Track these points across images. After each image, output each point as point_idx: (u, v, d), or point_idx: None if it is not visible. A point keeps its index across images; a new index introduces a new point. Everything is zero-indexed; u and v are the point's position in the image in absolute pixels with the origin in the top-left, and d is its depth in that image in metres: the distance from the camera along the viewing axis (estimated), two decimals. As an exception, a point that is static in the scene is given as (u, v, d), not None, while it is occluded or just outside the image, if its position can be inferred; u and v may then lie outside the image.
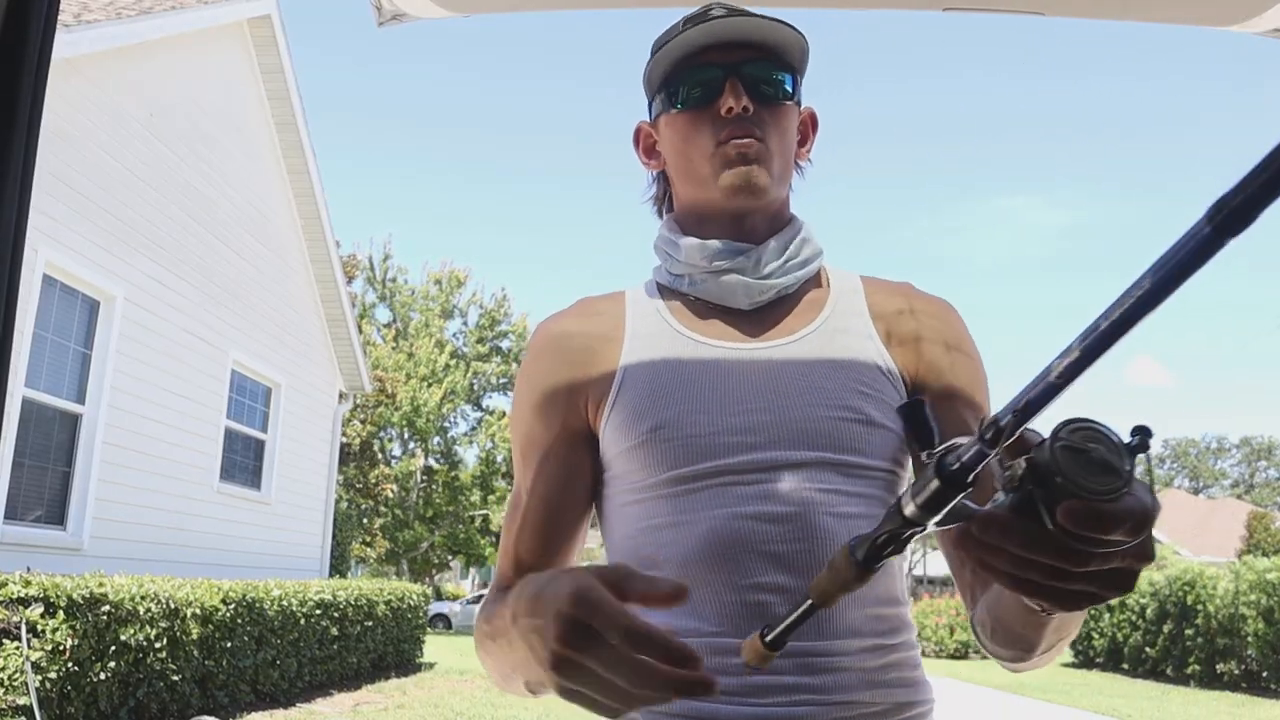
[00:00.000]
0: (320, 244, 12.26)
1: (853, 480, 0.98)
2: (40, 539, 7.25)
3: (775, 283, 1.06)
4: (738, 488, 0.96)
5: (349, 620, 9.28)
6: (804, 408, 0.99)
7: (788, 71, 1.08)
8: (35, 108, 0.78)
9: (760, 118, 1.04)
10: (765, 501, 0.95)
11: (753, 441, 0.97)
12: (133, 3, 8.48)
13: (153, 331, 8.67)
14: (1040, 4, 1.40)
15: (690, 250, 1.07)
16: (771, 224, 1.09)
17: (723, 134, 1.04)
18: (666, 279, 1.12)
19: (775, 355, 1.03)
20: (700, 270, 1.07)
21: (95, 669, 5.54)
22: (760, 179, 1.03)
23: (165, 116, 8.91)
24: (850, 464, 0.98)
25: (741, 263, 1.06)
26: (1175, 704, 10.94)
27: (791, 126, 1.09)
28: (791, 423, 0.98)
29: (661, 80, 1.09)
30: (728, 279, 1.06)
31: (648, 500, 1.00)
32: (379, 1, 1.41)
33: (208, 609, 6.73)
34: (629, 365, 1.04)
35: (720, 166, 1.04)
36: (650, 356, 1.04)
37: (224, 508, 9.93)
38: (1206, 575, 13.11)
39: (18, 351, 6.83)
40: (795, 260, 1.08)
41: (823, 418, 0.98)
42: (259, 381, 10.97)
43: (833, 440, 0.98)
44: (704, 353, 1.04)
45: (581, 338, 1.08)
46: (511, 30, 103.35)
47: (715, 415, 0.99)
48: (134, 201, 8.40)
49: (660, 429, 0.99)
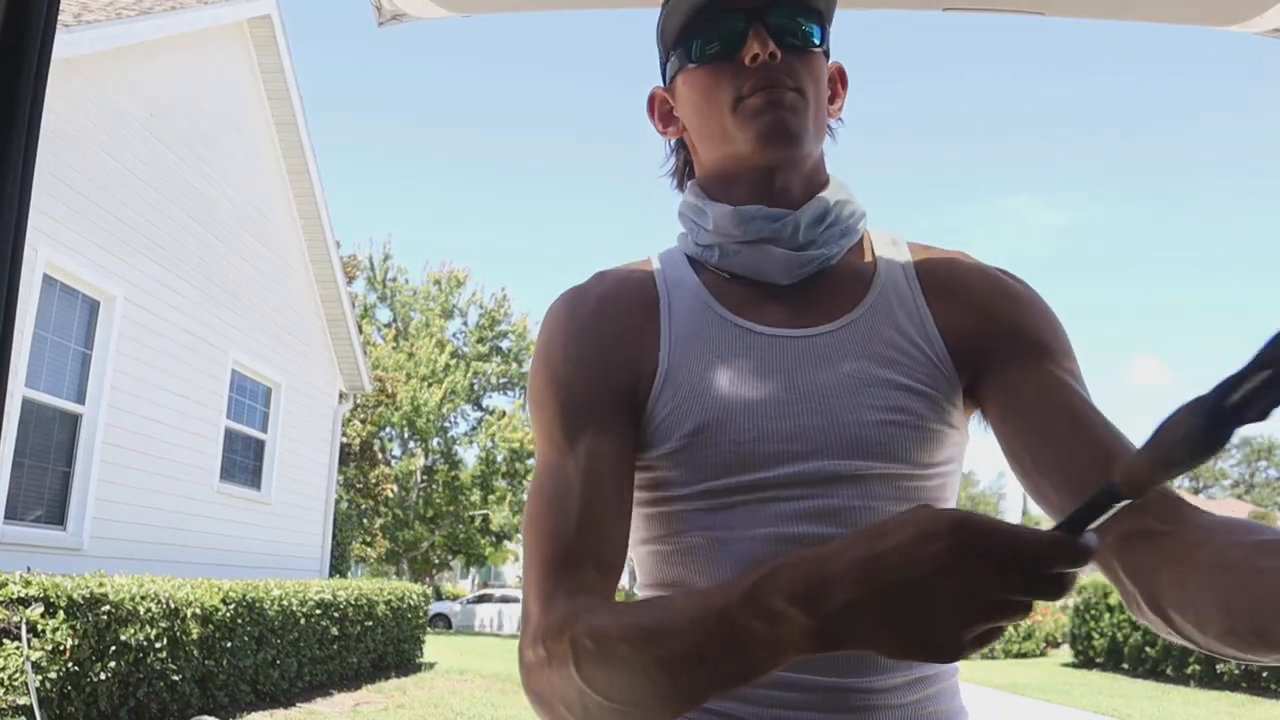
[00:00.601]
0: (320, 244, 12.26)
1: (902, 492, 0.88)
2: (40, 539, 7.25)
3: (817, 254, 0.94)
4: (779, 504, 0.86)
5: (349, 620, 9.28)
6: (854, 410, 0.88)
7: (815, 19, 0.97)
8: (35, 108, 0.78)
9: (790, 64, 0.93)
10: (809, 521, 0.85)
11: (798, 451, 0.86)
12: (133, 3, 8.48)
13: (153, 331, 8.67)
14: (1040, 4, 1.40)
15: (721, 217, 0.95)
16: (806, 184, 0.97)
17: (747, 85, 0.92)
18: (694, 250, 1.00)
19: (822, 346, 0.91)
20: (732, 240, 0.96)
21: (95, 669, 5.53)
22: (793, 124, 0.92)
23: (165, 116, 8.90)
24: (901, 475, 0.88)
25: (778, 230, 0.94)
26: (1175, 704, 10.94)
27: (823, 77, 0.97)
28: (840, 428, 0.87)
29: (677, 34, 0.98)
30: (764, 250, 0.94)
31: (676, 510, 0.90)
32: (379, 2, 1.41)
33: (208, 609, 6.72)
34: (673, 353, 0.92)
35: (749, 116, 0.92)
36: (692, 344, 0.92)
37: (224, 508, 9.92)
38: (1206, 575, 13.11)
39: (18, 351, 6.83)
40: (838, 225, 0.96)
41: (873, 422, 0.87)
42: (259, 381, 10.97)
43: (885, 449, 0.87)
44: (747, 341, 0.92)
45: (616, 319, 0.94)
46: (511, 30, 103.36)
47: (759, 418, 0.88)
48: (134, 201, 8.40)
49: (702, 433, 0.88)
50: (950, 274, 0.97)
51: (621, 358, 0.92)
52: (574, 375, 0.92)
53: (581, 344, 0.93)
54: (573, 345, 0.93)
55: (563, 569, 0.82)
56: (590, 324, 0.94)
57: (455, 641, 17.89)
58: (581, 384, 0.91)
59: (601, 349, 0.93)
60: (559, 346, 0.94)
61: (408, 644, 11.22)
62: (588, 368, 0.92)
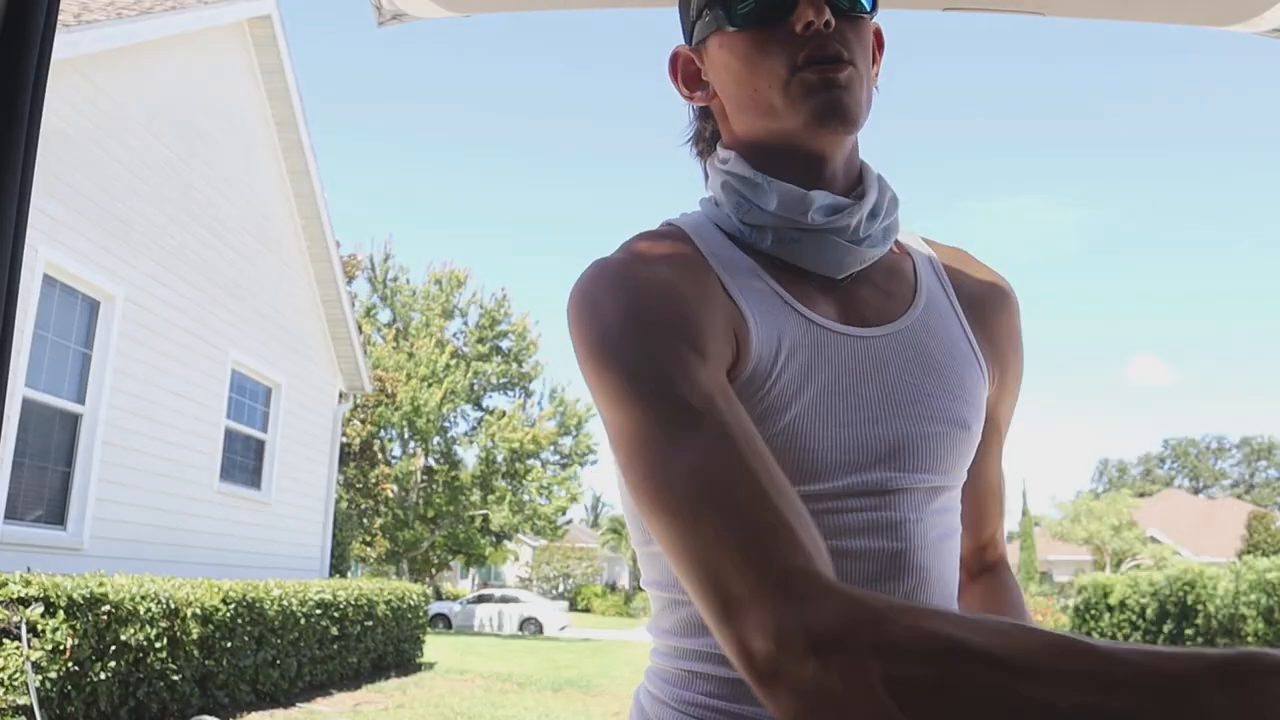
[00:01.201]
0: (320, 244, 12.26)
1: (945, 504, 0.87)
2: (40, 539, 7.25)
3: (873, 252, 0.89)
4: (839, 515, 0.81)
5: (349, 620, 9.28)
6: (915, 421, 0.85)
7: None
8: (35, 108, 0.78)
9: (843, 34, 0.85)
10: (864, 535, 0.81)
11: (861, 461, 0.82)
12: (133, 3, 8.48)
13: (153, 331, 8.67)
14: (1040, 4, 1.40)
15: (789, 200, 0.86)
16: (847, 169, 0.91)
17: (801, 56, 0.84)
18: (736, 228, 0.90)
19: (882, 348, 0.86)
20: (793, 226, 0.87)
21: (95, 669, 5.53)
22: (850, 105, 0.84)
23: (165, 116, 8.90)
24: (949, 487, 0.87)
25: (844, 221, 0.87)
26: (1175, 704, 10.94)
27: (870, 45, 0.90)
28: (902, 439, 0.84)
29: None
30: (828, 240, 0.87)
31: None
32: (379, 2, 1.41)
33: (208, 609, 6.72)
34: (758, 338, 0.82)
35: (802, 93, 0.84)
36: (770, 333, 0.83)
37: (224, 508, 9.92)
38: (1206, 575, 13.12)
39: (18, 351, 6.82)
40: (888, 222, 0.91)
41: (933, 434, 0.85)
42: (259, 381, 10.97)
43: (937, 462, 0.85)
44: (819, 338, 0.84)
45: (690, 297, 0.80)
46: (511, 31, 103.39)
47: (831, 425, 0.82)
48: (134, 201, 8.40)
49: (781, 435, 0.80)
50: (972, 285, 0.97)
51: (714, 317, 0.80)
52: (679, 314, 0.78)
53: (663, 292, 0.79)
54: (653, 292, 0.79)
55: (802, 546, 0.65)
56: (666, 292, 0.80)
57: (455, 641, 17.89)
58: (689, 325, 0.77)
59: (687, 320, 0.78)
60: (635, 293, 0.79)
61: (408, 644, 11.22)
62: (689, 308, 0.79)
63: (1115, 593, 15.31)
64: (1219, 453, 65.74)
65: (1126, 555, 30.79)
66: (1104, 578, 16.57)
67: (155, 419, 8.65)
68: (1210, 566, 13.79)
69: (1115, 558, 30.80)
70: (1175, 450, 66.42)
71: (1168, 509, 39.42)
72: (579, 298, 0.82)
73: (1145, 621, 14.18)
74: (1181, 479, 65.43)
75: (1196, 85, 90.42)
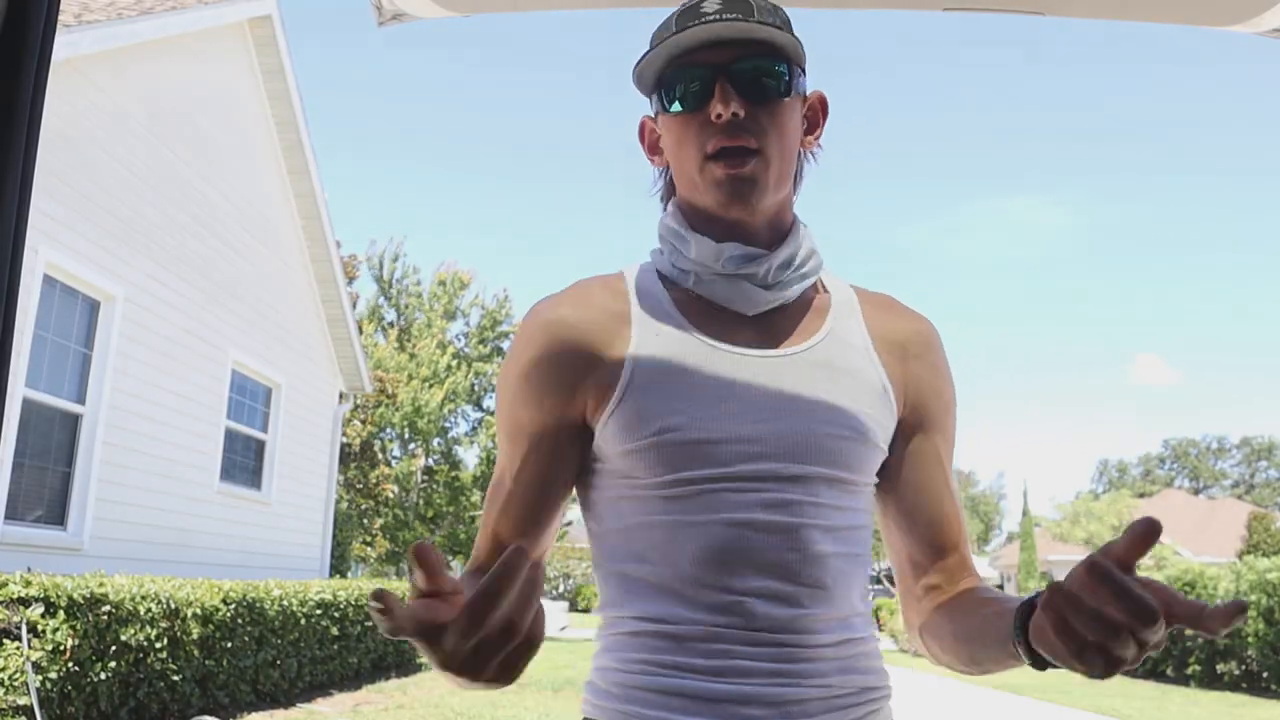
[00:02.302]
0: (320, 244, 12.26)
1: (843, 495, 1.03)
2: (41, 539, 7.25)
3: (782, 295, 1.06)
4: (736, 494, 0.98)
5: (349, 620, 9.28)
6: (808, 423, 1.00)
7: (783, 64, 1.02)
8: (35, 108, 0.78)
9: (755, 119, 1.00)
10: (761, 510, 0.98)
11: (756, 452, 0.99)
12: (133, 3, 8.48)
13: (153, 331, 8.67)
14: (1040, 4, 1.40)
15: (702, 250, 1.04)
16: (772, 226, 1.07)
17: (711, 143, 1.00)
18: (669, 270, 1.09)
19: (782, 366, 1.03)
20: (709, 271, 1.05)
21: (96, 669, 5.53)
22: (750, 192, 1.00)
23: (165, 116, 8.91)
24: (844, 480, 1.02)
25: (752, 270, 1.04)
26: (1175, 704, 10.94)
27: (790, 123, 1.04)
28: (795, 436, 1.00)
29: (654, 81, 1.05)
30: (738, 284, 1.04)
31: (644, 498, 1.01)
32: (379, 2, 1.41)
33: (208, 609, 6.72)
34: (638, 362, 1.02)
35: (709, 183, 1.01)
36: (659, 355, 1.02)
37: (224, 508, 9.92)
38: (1207, 575, 13.10)
39: (18, 351, 6.83)
40: (802, 270, 1.07)
41: (825, 434, 1.00)
42: (259, 382, 10.97)
43: (832, 457, 1.01)
44: (714, 357, 1.02)
45: (581, 328, 1.04)
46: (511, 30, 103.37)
47: (722, 423, 0.99)
48: (134, 201, 8.40)
49: (667, 433, 0.99)
50: (892, 328, 1.11)
51: (573, 379, 1.03)
52: (519, 403, 1.05)
53: (530, 374, 1.05)
54: (518, 374, 1.06)
55: (485, 548, 1.05)
56: (542, 348, 1.05)
57: (455, 642, 17.87)
58: (525, 410, 1.05)
59: (549, 378, 1.04)
60: (514, 371, 1.07)
61: (408, 644, 11.21)
62: (534, 398, 1.04)
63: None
64: (1219, 453, 65.73)
65: (1126, 555, 30.74)
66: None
67: (155, 419, 8.65)
68: (1210, 567, 13.77)
69: (1115, 558, 30.76)
70: (1175, 450, 66.42)
71: (1168, 509, 39.40)
72: (515, 334, 1.13)
73: (1145, 622, 14.17)
74: (1181, 479, 65.41)
75: (1198, 85, 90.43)
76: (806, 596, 0.98)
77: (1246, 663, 12.20)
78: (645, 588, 1.00)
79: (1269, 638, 11.51)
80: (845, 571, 1.02)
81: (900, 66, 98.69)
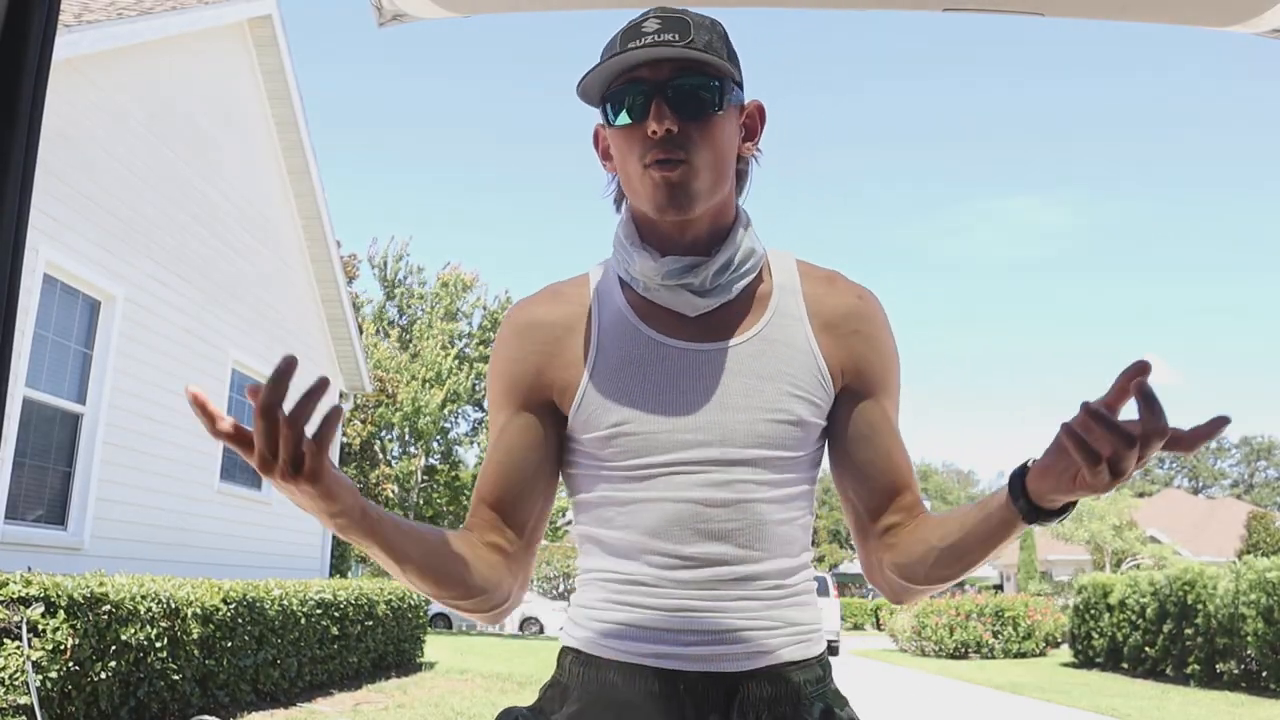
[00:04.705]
0: (321, 244, 12.26)
1: (782, 470, 1.17)
2: (41, 539, 7.25)
3: (720, 298, 1.18)
4: (683, 477, 1.14)
5: (349, 620, 9.27)
6: (746, 411, 1.15)
7: (717, 79, 1.12)
8: (36, 108, 0.79)
9: (687, 135, 1.10)
10: (709, 488, 1.14)
11: (699, 439, 1.14)
12: (133, 3, 8.47)
13: (153, 331, 8.66)
14: (1040, 4, 1.40)
15: (643, 265, 1.17)
16: (712, 228, 1.18)
17: (648, 157, 1.11)
18: (624, 274, 1.22)
19: (723, 358, 1.17)
20: (653, 281, 1.17)
21: (96, 668, 5.53)
22: (682, 198, 1.11)
23: (165, 116, 8.90)
24: (781, 459, 1.17)
25: (690, 279, 1.16)
26: (1175, 704, 10.93)
27: (723, 135, 1.14)
28: (735, 424, 1.15)
29: (597, 98, 1.16)
30: (678, 292, 1.17)
31: (609, 478, 1.18)
32: (379, 2, 1.42)
33: (208, 608, 6.72)
34: (597, 361, 1.18)
35: (648, 189, 1.12)
36: (615, 353, 1.18)
37: (224, 507, 9.92)
38: (1206, 575, 13.09)
39: (18, 352, 6.83)
40: (740, 270, 1.19)
41: (760, 420, 1.15)
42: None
43: (768, 440, 1.15)
44: (662, 353, 1.17)
45: (549, 328, 1.22)
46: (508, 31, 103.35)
47: (672, 416, 1.15)
48: (134, 201, 8.39)
49: (623, 425, 1.15)
50: (830, 306, 1.22)
51: (542, 373, 1.20)
52: (499, 391, 1.22)
53: (507, 369, 1.22)
54: (499, 368, 1.23)
55: (475, 505, 1.21)
56: (516, 347, 1.22)
57: (455, 641, 17.88)
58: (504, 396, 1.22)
59: (523, 373, 1.21)
60: (496, 366, 1.24)
61: (408, 644, 11.22)
62: (510, 389, 1.21)
63: (1115, 592, 15.29)
64: (1219, 453, 65.71)
65: (1126, 555, 30.77)
66: (1104, 577, 16.54)
67: (155, 419, 8.65)
68: (1210, 566, 13.75)
69: (1115, 557, 30.79)
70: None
71: (1167, 509, 39.41)
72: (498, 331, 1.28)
73: (1145, 621, 14.16)
74: (1181, 479, 65.40)
75: (1199, 86, 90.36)
76: (749, 557, 1.14)
77: (1246, 662, 12.19)
78: (611, 549, 1.18)
79: (1269, 637, 11.50)
80: (785, 535, 1.18)
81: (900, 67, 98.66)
